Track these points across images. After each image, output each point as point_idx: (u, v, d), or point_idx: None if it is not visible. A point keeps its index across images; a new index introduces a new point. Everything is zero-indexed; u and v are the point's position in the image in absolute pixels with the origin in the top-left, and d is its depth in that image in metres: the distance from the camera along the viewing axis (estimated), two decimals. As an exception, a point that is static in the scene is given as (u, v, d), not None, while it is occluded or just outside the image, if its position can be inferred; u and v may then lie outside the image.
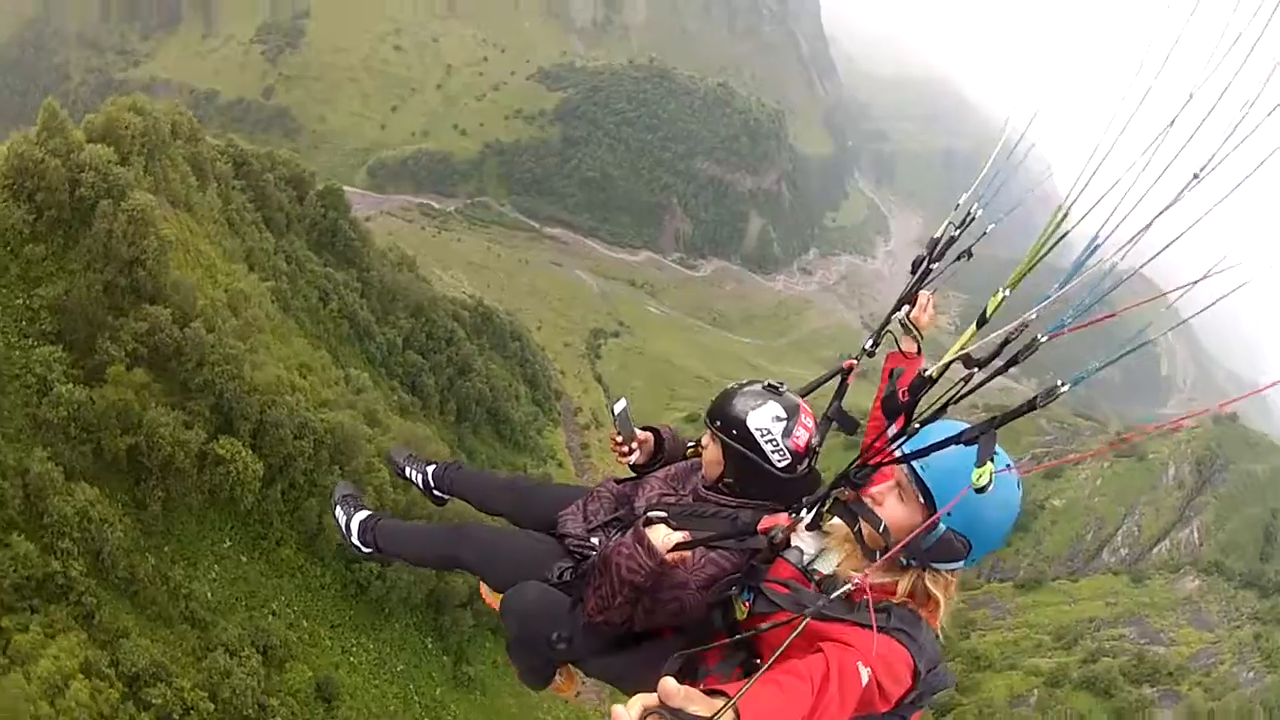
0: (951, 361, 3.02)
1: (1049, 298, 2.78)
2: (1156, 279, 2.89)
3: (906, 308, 4.69)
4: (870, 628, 3.07)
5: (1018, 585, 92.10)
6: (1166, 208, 2.45)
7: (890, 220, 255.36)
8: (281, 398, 43.79)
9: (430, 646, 43.88)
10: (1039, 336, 2.71)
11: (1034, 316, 2.79)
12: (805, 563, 3.58)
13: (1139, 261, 2.82)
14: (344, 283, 70.51)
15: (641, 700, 2.28)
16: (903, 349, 4.75)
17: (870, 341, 4.73)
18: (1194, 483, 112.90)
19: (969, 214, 4.38)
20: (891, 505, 3.33)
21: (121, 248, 41.29)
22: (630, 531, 3.88)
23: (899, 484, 3.35)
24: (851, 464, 3.36)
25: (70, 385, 38.28)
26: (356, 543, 5.38)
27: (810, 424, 4.10)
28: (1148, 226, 2.49)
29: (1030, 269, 2.89)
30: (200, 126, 63.63)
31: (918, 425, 3.13)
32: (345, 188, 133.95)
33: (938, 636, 3.36)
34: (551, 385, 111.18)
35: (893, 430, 3.30)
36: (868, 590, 3.18)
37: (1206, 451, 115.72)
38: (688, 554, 3.80)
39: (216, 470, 41.47)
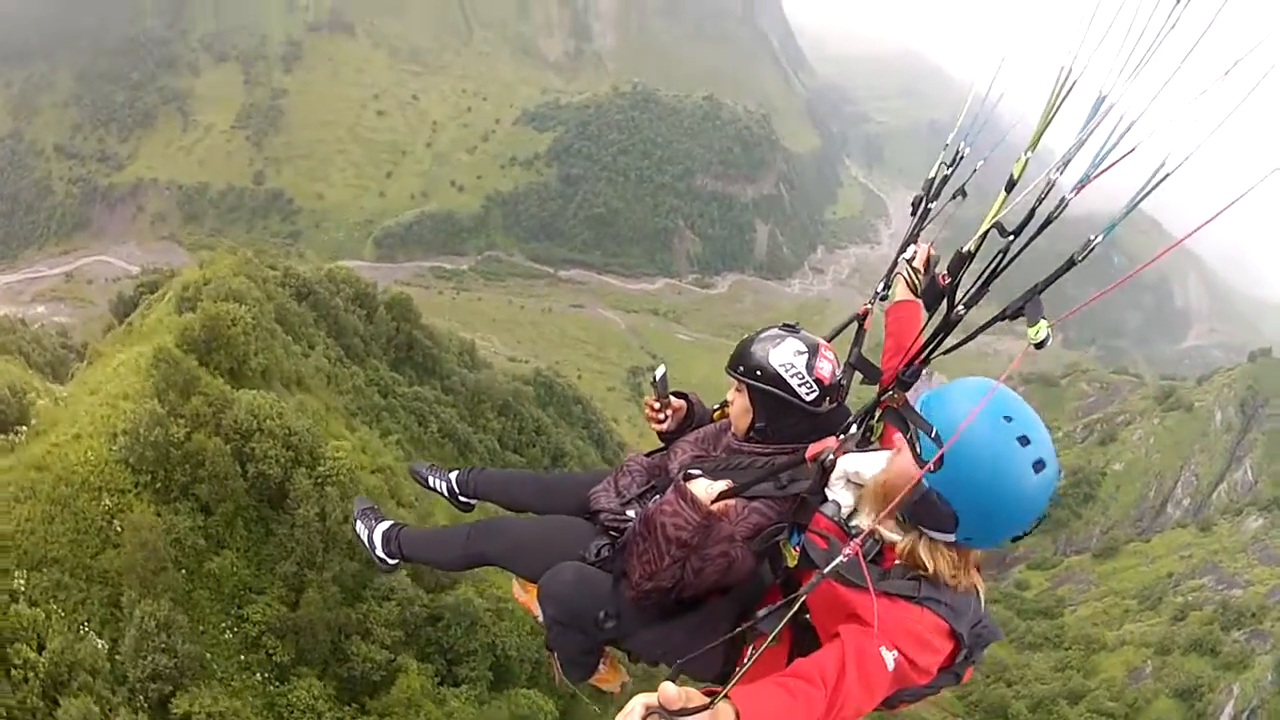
0: (987, 231, 3.04)
1: (1072, 149, 2.82)
2: (1158, 216, 2.73)
3: (912, 248, 4.76)
4: (903, 598, 3.02)
5: (1095, 555, 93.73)
6: (1161, 36, 2.51)
7: (887, 202, 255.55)
8: (510, 622, 36.92)
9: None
10: (1067, 195, 2.78)
11: (1059, 173, 2.87)
12: (843, 516, 3.53)
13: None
14: (434, 399, 69.37)
15: (642, 700, 2.28)
16: (912, 296, 4.75)
17: (882, 285, 4.85)
18: (1240, 423, 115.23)
19: (958, 152, 4.55)
20: (906, 454, 3.15)
21: (341, 528, 32.00)
22: (671, 488, 3.80)
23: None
24: (900, 364, 3.33)
25: (353, 726, 30.44)
26: (381, 555, 5.27)
27: (832, 356, 4.10)
28: (1146, 57, 2.54)
29: (1046, 127, 3.03)
30: (268, 271, 60.47)
31: (963, 310, 3.12)
32: (357, 263, 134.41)
33: (977, 595, 3.23)
34: (615, 440, 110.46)
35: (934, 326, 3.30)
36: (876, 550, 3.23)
37: (1247, 391, 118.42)
38: (732, 503, 3.77)
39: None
